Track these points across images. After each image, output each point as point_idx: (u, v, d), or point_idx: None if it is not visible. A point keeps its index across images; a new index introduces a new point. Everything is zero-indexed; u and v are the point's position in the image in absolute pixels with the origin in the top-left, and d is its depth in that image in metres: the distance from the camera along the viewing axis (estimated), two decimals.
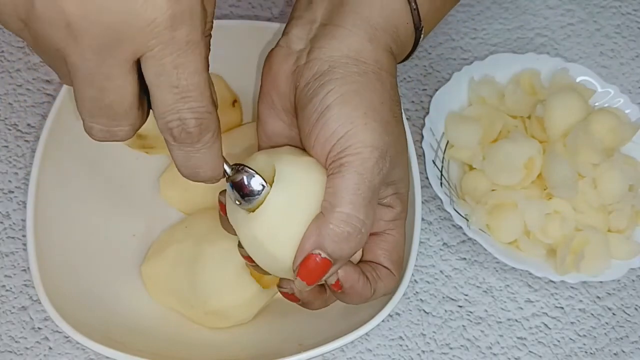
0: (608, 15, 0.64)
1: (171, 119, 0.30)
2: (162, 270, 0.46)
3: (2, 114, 0.53)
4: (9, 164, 0.51)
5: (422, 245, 0.51)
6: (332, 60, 0.36)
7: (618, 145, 0.52)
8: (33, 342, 0.46)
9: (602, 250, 0.49)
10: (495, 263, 0.51)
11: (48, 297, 0.41)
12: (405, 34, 0.39)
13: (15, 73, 0.55)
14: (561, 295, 0.50)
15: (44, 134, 0.46)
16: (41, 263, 0.42)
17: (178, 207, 0.50)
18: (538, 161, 0.50)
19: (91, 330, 0.40)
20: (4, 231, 0.49)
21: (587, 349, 0.49)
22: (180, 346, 0.44)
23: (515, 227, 0.49)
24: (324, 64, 0.36)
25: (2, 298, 0.47)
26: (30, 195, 0.44)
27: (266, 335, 0.45)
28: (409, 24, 0.39)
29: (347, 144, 0.34)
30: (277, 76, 0.38)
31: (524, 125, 0.53)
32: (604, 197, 0.50)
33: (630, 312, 0.50)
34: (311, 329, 0.44)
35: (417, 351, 0.47)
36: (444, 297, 0.49)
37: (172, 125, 0.30)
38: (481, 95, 0.54)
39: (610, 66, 0.61)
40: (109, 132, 0.31)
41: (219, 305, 0.44)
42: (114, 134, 0.31)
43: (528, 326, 0.49)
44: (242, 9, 0.60)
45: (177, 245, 0.46)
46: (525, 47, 0.61)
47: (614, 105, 0.55)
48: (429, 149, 0.51)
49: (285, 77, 0.38)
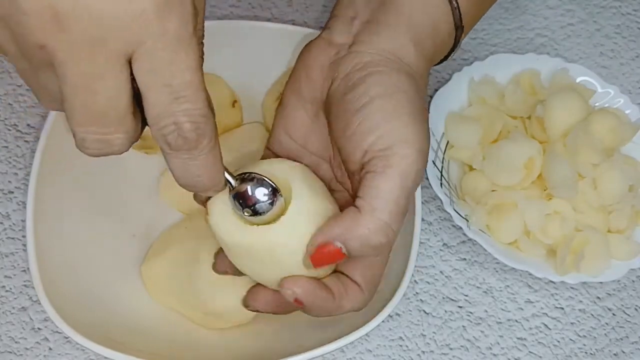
0: (608, 16, 0.64)
1: (165, 123, 0.29)
2: (162, 271, 0.46)
3: (1, 114, 0.53)
4: (9, 164, 0.51)
5: (422, 245, 0.51)
6: (376, 54, 0.36)
7: (618, 145, 0.52)
8: (33, 342, 0.46)
9: (602, 250, 0.49)
10: (495, 263, 0.51)
11: (48, 298, 0.41)
12: (446, 33, 0.39)
13: (15, 74, 0.55)
14: (561, 295, 0.50)
15: (44, 134, 0.45)
16: (41, 263, 0.42)
17: (178, 208, 0.50)
18: (538, 161, 0.50)
19: (91, 331, 0.40)
20: (4, 232, 0.49)
21: (587, 350, 0.49)
22: (180, 347, 0.44)
23: (515, 227, 0.49)
24: (366, 56, 0.36)
25: (2, 299, 0.47)
26: (30, 196, 0.44)
27: (266, 336, 0.45)
28: (450, 23, 0.39)
29: (392, 142, 0.33)
30: (312, 66, 0.38)
31: (524, 126, 0.53)
32: (604, 198, 0.49)
33: (630, 313, 0.50)
34: (311, 330, 0.44)
35: (417, 352, 0.47)
36: (444, 298, 0.49)
37: (166, 132, 0.29)
38: (481, 95, 0.54)
39: (610, 66, 0.61)
40: (103, 141, 0.29)
41: (219, 306, 0.44)
42: (109, 144, 0.29)
43: (528, 327, 0.49)
44: (242, 9, 0.60)
45: (177, 246, 0.46)
46: (525, 48, 0.61)
47: (614, 105, 0.55)
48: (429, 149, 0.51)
49: (320, 67, 0.37)
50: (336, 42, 0.38)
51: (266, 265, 0.35)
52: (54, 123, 0.46)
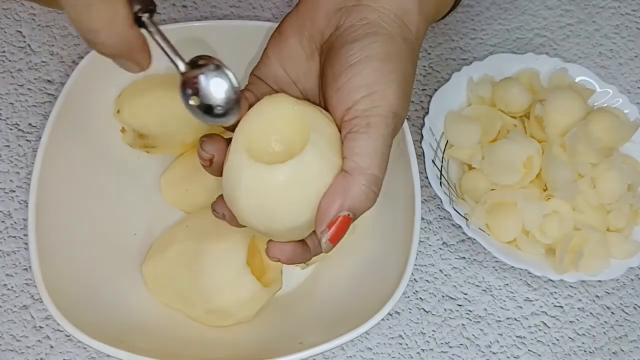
0: (607, 16, 0.64)
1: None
2: (163, 269, 0.46)
3: (3, 113, 0.53)
4: (11, 163, 0.52)
5: (422, 244, 0.51)
6: (382, 13, 0.36)
7: (617, 144, 0.52)
8: (34, 340, 0.46)
9: (601, 249, 0.49)
10: (495, 262, 0.51)
11: (49, 296, 0.41)
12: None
13: (16, 73, 0.55)
14: (560, 294, 0.50)
15: (46, 133, 0.46)
16: (42, 262, 0.42)
17: (179, 207, 0.51)
18: (537, 161, 0.50)
19: (92, 329, 0.40)
20: (6, 230, 0.49)
21: (586, 348, 0.49)
22: (181, 344, 0.44)
23: (514, 226, 0.49)
24: (373, 13, 0.36)
25: (3, 297, 0.47)
26: (31, 195, 0.44)
27: (267, 334, 0.45)
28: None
29: (377, 103, 0.34)
30: (319, 6, 0.38)
31: (523, 125, 0.54)
32: (602, 197, 0.50)
33: (629, 311, 0.50)
34: (312, 327, 0.44)
35: (416, 350, 0.48)
36: (444, 296, 0.50)
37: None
38: (480, 95, 0.55)
39: (609, 66, 0.61)
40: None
41: (219, 304, 0.44)
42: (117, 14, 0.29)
43: (527, 325, 0.49)
44: (243, 9, 0.60)
45: (178, 245, 0.46)
46: (525, 48, 0.61)
47: (613, 105, 0.55)
48: (429, 148, 0.51)
49: (326, 10, 0.37)
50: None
51: (284, 206, 0.34)
52: (55, 122, 0.46)
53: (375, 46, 0.35)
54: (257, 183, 0.33)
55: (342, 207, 0.34)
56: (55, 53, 0.56)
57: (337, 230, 0.34)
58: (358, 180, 0.34)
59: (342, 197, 0.34)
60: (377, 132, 0.34)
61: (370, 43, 0.35)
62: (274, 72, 0.39)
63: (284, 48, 0.38)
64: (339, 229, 0.34)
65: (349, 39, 0.36)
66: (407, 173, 0.46)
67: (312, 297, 0.47)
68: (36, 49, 0.56)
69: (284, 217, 0.34)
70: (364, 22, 0.36)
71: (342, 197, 0.34)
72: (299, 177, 0.33)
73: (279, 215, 0.34)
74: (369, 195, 0.34)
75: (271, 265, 0.47)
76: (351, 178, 0.34)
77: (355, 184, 0.34)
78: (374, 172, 0.34)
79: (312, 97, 0.39)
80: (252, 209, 0.34)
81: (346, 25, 0.36)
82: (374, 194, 0.35)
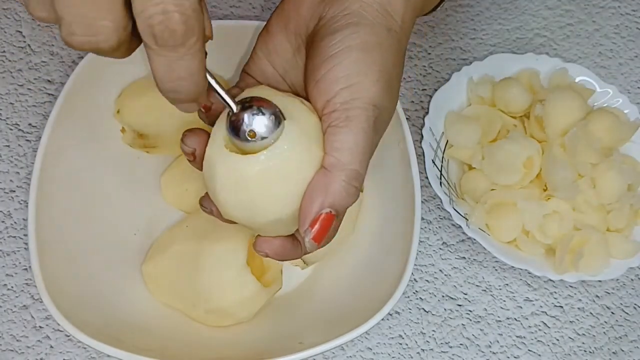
0: (607, 16, 0.64)
1: (153, 12, 0.27)
2: (163, 270, 0.46)
3: (3, 113, 0.53)
4: (11, 163, 0.52)
5: (422, 244, 0.51)
6: (364, 3, 0.36)
7: (617, 144, 0.52)
8: (34, 340, 0.46)
9: (601, 249, 0.49)
10: (495, 262, 0.51)
11: (49, 296, 0.41)
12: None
13: (16, 73, 0.55)
14: (560, 294, 0.50)
15: (46, 133, 0.46)
16: (42, 262, 0.42)
17: (179, 207, 0.51)
18: (537, 161, 0.50)
19: (92, 329, 0.40)
20: (6, 230, 0.49)
21: (586, 348, 0.49)
22: (181, 345, 0.44)
23: (514, 226, 0.49)
24: (355, 2, 0.36)
25: (3, 297, 0.47)
26: (31, 195, 0.44)
27: (267, 334, 0.45)
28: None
29: (356, 95, 0.34)
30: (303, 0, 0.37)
31: (523, 125, 0.54)
32: (602, 197, 0.50)
33: (629, 311, 0.50)
34: (311, 328, 0.44)
35: (416, 350, 0.48)
36: (444, 296, 0.50)
37: (154, 21, 0.27)
38: (480, 95, 0.55)
39: (609, 66, 0.61)
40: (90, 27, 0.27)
41: (219, 304, 0.44)
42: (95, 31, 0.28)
43: (527, 325, 0.49)
44: (243, 9, 0.60)
45: (178, 245, 0.46)
46: (525, 48, 0.61)
47: (613, 105, 0.55)
48: (429, 148, 0.51)
49: (309, 2, 0.37)
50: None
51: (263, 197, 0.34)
52: (55, 122, 0.46)
53: (355, 36, 0.35)
54: (233, 173, 0.33)
55: (322, 204, 0.33)
56: (55, 53, 0.56)
57: (320, 228, 0.34)
58: (338, 177, 0.33)
59: (323, 195, 0.33)
60: (357, 125, 0.34)
61: (351, 33, 0.35)
62: (262, 67, 0.39)
63: (270, 44, 0.38)
64: (322, 226, 0.34)
65: (330, 30, 0.35)
66: (407, 173, 0.46)
67: (312, 297, 0.47)
68: (36, 49, 0.56)
69: (264, 210, 0.34)
70: (346, 13, 0.36)
71: (322, 195, 0.33)
72: (274, 167, 0.33)
73: (259, 207, 0.34)
74: (349, 191, 0.34)
75: (271, 265, 0.47)
76: (331, 175, 0.34)
77: (336, 181, 0.33)
78: (355, 167, 0.34)
79: (300, 91, 0.39)
80: (232, 201, 0.34)
81: (328, 16, 0.36)
82: (355, 189, 0.34)
